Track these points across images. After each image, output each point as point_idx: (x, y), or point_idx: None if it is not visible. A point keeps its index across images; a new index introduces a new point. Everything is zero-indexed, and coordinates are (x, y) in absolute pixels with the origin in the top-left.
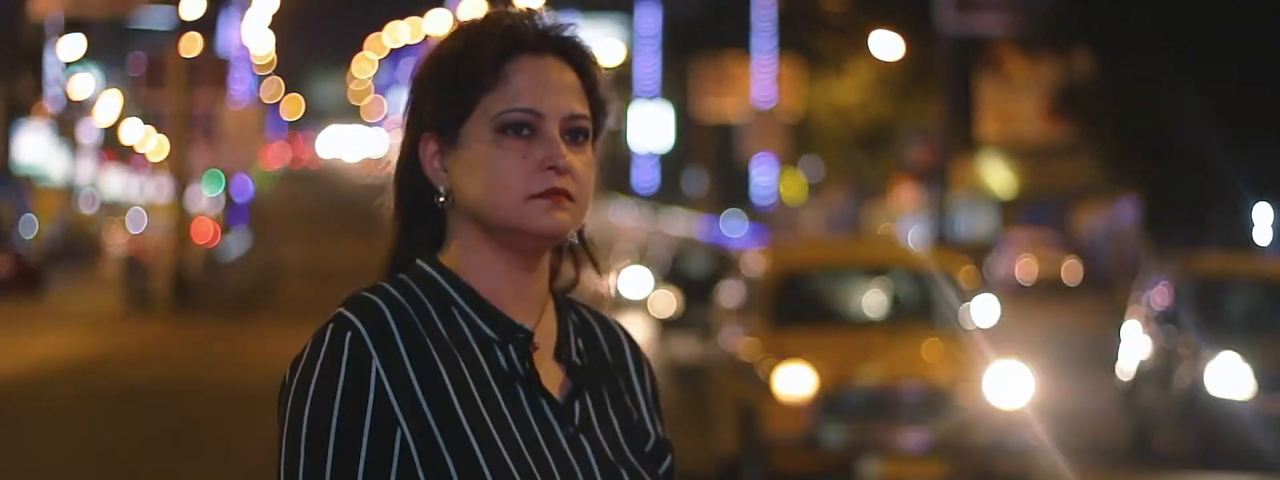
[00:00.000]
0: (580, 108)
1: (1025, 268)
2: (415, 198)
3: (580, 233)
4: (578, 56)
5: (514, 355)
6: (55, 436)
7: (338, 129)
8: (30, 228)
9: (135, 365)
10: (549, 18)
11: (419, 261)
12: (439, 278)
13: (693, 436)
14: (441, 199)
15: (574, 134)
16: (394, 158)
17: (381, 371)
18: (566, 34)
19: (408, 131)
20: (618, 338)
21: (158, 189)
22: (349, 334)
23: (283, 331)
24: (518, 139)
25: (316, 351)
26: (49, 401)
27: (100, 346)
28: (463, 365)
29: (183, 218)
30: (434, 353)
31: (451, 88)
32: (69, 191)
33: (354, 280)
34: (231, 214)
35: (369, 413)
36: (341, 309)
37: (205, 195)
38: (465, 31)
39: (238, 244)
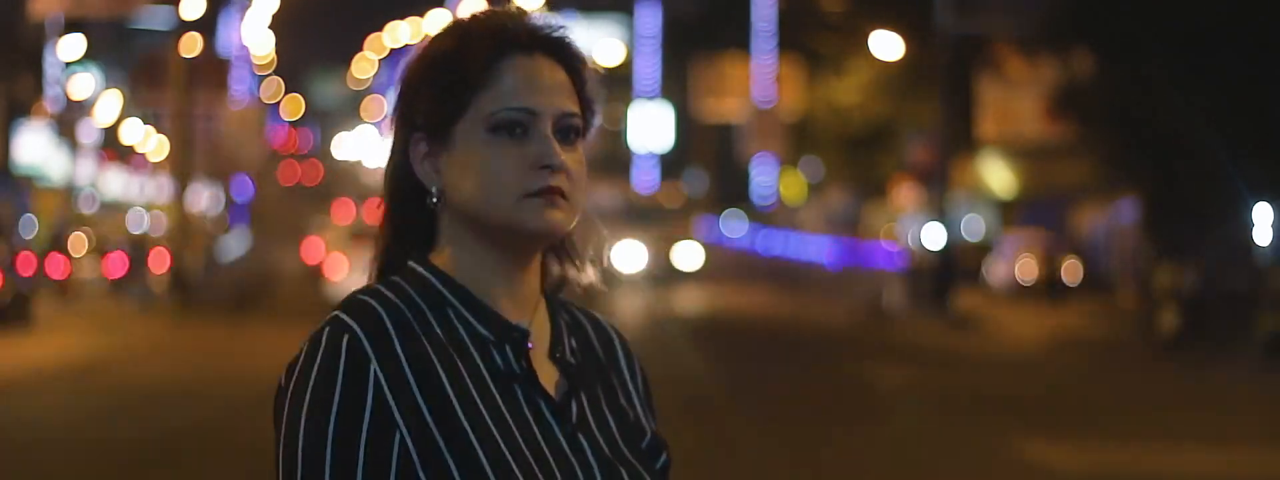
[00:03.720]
0: (572, 106)
1: (1025, 267)
2: (406, 198)
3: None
4: (567, 55)
5: (510, 355)
6: (55, 436)
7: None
8: (30, 228)
9: (135, 365)
10: (539, 17)
11: (411, 262)
12: (432, 279)
13: None
14: (433, 199)
15: (566, 133)
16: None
17: (380, 374)
18: (556, 33)
19: (398, 132)
20: (609, 337)
21: (158, 189)
22: (346, 337)
23: (283, 331)
24: (511, 138)
25: (313, 355)
26: (49, 401)
27: (100, 346)
28: (460, 366)
29: (183, 218)
30: (431, 354)
31: (443, 87)
32: (69, 191)
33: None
34: (231, 214)
35: (367, 415)
36: (337, 312)
37: (205, 195)
38: (455, 31)
39: (238, 244)
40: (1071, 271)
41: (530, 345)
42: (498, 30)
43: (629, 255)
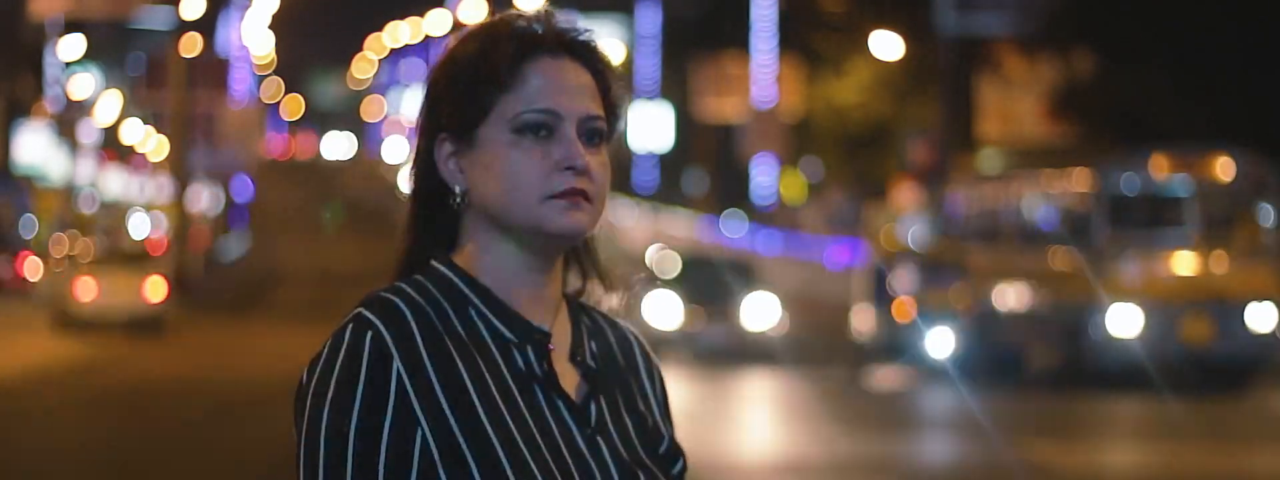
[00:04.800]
0: (596, 109)
1: None
2: (430, 198)
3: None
4: (593, 58)
5: (532, 356)
6: (55, 436)
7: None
8: (30, 228)
9: (135, 365)
10: (564, 19)
11: (434, 262)
12: (455, 278)
13: None
14: (456, 199)
15: (590, 135)
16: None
17: (402, 372)
18: (582, 36)
19: (423, 133)
20: (629, 342)
21: (158, 189)
22: (369, 334)
23: (283, 331)
24: (535, 140)
25: (336, 352)
26: (49, 401)
27: (100, 346)
28: (482, 366)
29: (183, 218)
30: (454, 353)
31: (468, 89)
32: (69, 191)
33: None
34: (231, 214)
35: (389, 413)
36: (360, 309)
37: (205, 195)
38: (481, 33)
39: (238, 244)
40: None
41: (551, 347)
42: (523, 32)
43: None
